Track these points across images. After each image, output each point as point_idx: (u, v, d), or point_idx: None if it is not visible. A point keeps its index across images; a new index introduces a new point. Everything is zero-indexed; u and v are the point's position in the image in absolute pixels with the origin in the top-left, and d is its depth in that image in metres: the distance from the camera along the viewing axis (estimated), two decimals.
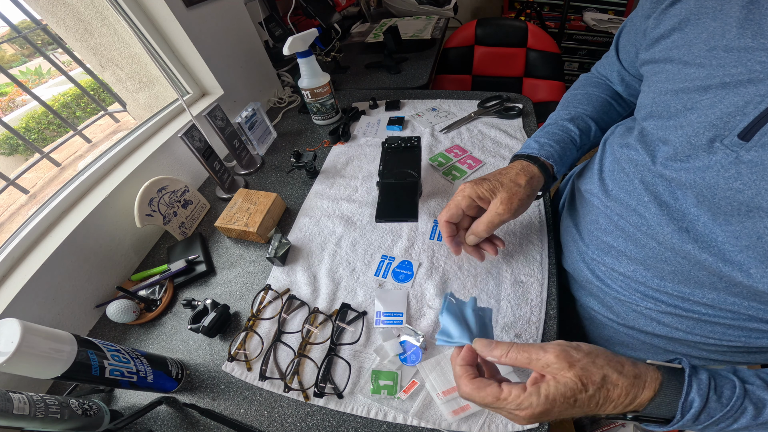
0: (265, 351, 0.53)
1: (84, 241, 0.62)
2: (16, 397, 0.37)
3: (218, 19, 0.88)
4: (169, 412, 0.50)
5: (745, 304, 0.36)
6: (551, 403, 0.31)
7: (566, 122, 0.54)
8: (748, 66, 0.30)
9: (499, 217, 0.46)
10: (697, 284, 0.39)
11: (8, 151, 2.27)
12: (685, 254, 0.37)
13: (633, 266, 0.44)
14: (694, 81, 0.35)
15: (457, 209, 0.48)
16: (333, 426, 0.46)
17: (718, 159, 0.33)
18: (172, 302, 0.63)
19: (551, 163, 0.51)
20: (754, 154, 0.30)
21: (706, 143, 0.33)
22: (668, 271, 0.40)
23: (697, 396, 0.31)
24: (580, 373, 0.31)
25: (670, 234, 0.38)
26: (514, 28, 1.34)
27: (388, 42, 1.19)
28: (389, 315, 0.54)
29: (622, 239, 0.44)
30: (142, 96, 0.93)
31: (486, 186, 0.47)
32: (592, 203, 0.50)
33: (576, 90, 0.61)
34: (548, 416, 0.32)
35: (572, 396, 0.31)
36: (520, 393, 0.32)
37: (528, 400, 0.31)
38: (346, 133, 0.90)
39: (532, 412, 0.31)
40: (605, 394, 0.31)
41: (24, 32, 0.97)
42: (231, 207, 0.69)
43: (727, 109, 0.32)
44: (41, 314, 0.55)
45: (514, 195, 0.46)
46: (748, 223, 0.32)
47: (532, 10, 2.14)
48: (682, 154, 0.36)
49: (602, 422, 0.90)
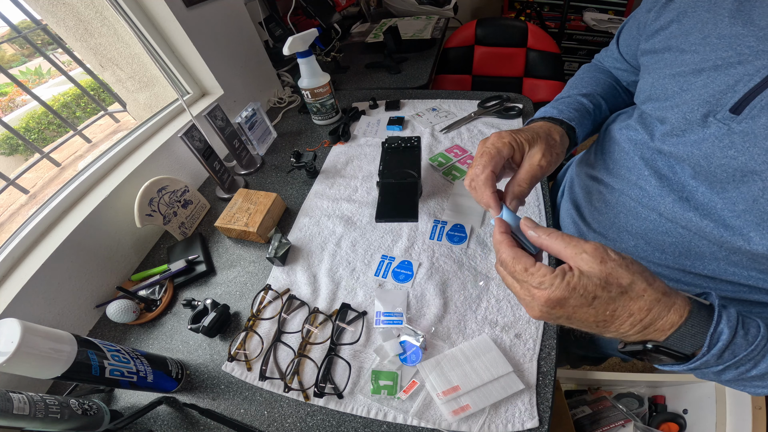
0: (265, 351, 0.53)
1: (84, 241, 0.62)
2: (16, 397, 0.37)
3: (218, 19, 0.88)
4: (169, 412, 0.50)
5: (745, 274, 0.37)
6: (570, 291, 0.29)
7: (579, 96, 0.54)
8: (737, 50, 0.34)
9: (541, 170, 0.40)
10: (697, 256, 0.39)
11: (8, 151, 2.27)
12: (686, 222, 0.39)
13: (634, 241, 0.45)
14: (689, 65, 0.38)
15: (499, 157, 0.39)
16: (333, 426, 0.46)
17: (712, 132, 0.36)
18: (172, 302, 0.63)
19: (574, 126, 0.48)
20: (744, 125, 0.33)
21: (701, 118, 0.36)
22: (669, 243, 0.41)
23: (726, 327, 0.29)
24: (609, 270, 0.29)
25: (671, 204, 0.40)
26: (514, 28, 1.33)
27: (388, 42, 1.19)
28: (389, 315, 0.54)
29: (623, 215, 0.46)
30: (142, 96, 0.93)
31: (524, 135, 0.41)
32: (593, 183, 0.51)
33: (582, 75, 0.61)
34: (563, 308, 0.30)
35: (593, 292, 0.29)
36: (547, 272, 0.31)
37: (551, 280, 0.30)
38: (346, 133, 0.90)
39: (549, 295, 0.30)
40: (625, 303, 0.29)
41: (24, 32, 0.97)
42: (231, 207, 0.69)
43: (719, 87, 0.35)
44: (41, 314, 0.55)
45: (552, 147, 0.42)
46: (744, 188, 0.34)
47: (532, 10, 2.14)
48: (679, 129, 0.39)
49: (602, 422, 0.90)
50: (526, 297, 0.32)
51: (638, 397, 0.96)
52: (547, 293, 0.30)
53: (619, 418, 0.90)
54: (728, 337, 0.29)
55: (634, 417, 0.90)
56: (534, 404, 0.44)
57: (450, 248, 0.61)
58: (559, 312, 0.31)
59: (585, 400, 0.95)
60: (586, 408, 0.93)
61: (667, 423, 0.90)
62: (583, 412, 0.91)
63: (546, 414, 0.43)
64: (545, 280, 0.30)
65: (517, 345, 0.49)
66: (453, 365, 0.47)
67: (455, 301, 0.54)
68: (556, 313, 0.31)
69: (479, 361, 0.47)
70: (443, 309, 0.53)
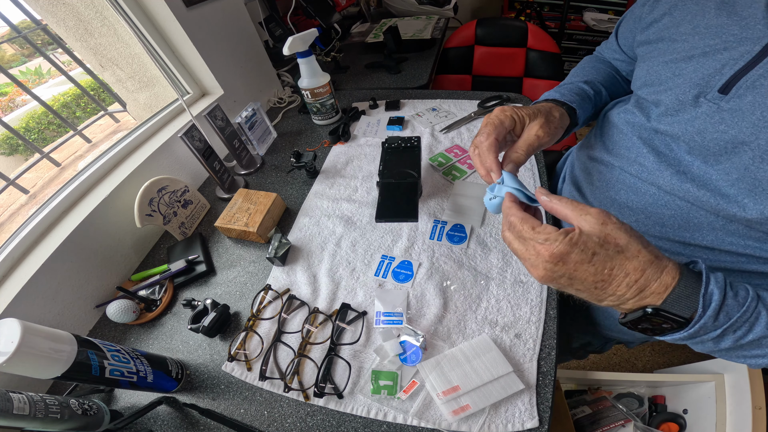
0: (265, 351, 0.53)
1: (84, 241, 0.62)
2: (16, 397, 0.37)
3: (218, 19, 0.88)
4: (169, 412, 0.50)
5: (742, 243, 0.39)
6: (572, 246, 0.31)
7: (581, 83, 0.57)
8: (723, 38, 0.38)
9: (538, 140, 0.44)
10: (696, 227, 0.42)
11: (8, 151, 2.27)
12: (684, 194, 0.41)
13: (635, 216, 0.47)
14: (680, 53, 0.42)
15: (502, 127, 0.44)
16: (333, 426, 0.46)
17: (704, 110, 0.39)
18: (172, 302, 0.63)
19: (575, 107, 0.52)
20: (732, 104, 0.37)
21: (692, 99, 0.40)
22: (668, 215, 0.44)
23: (716, 288, 0.30)
24: (608, 231, 0.31)
25: (669, 177, 0.42)
26: (514, 28, 1.33)
27: (388, 42, 1.19)
28: (389, 315, 0.54)
29: (623, 191, 0.48)
30: (142, 96, 0.93)
31: (526, 110, 0.45)
32: (592, 164, 0.54)
33: (584, 65, 0.65)
34: (565, 264, 0.32)
35: (592, 248, 0.31)
36: (552, 230, 0.33)
37: (555, 236, 0.32)
38: (346, 133, 0.90)
39: (553, 250, 0.32)
40: (622, 262, 0.31)
41: (24, 32, 0.97)
42: (231, 207, 0.69)
43: (708, 71, 0.39)
44: (41, 314, 0.55)
45: (551, 122, 0.46)
46: (735, 158, 0.37)
47: (532, 10, 2.14)
48: (673, 109, 0.42)
49: (602, 422, 0.90)
50: (531, 256, 0.34)
51: (638, 397, 0.96)
52: (552, 248, 0.32)
53: (619, 418, 0.90)
54: (719, 297, 0.30)
55: (634, 417, 0.90)
56: (534, 404, 0.44)
57: (450, 248, 0.61)
58: (561, 269, 0.32)
59: (585, 400, 0.95)
60: (586, 408, 0.93)
61: (667, 423, 0.90)
62: (583, 412, 0.92)
63: (546, 414, 0.43)
64: (550, 236, 0.33)
65: (517, 345, 0.49)
66: (453, 365, 0.47)
67: (455, 301, 0.54)
68: (558, 271, 0.32)
69: (479, 361, 0.47)
70: (443, 309, 0.53)
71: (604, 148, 0.53)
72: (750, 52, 0.36)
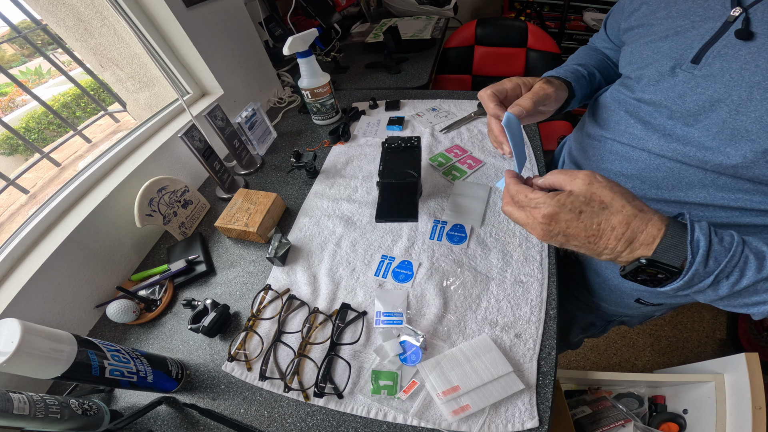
0: (265, 351, 0.53)
1: (84, 241, 0.62)
2: (16, 397, 0.37)
3: (218, 19, 0.88)
4: (169, 412, 0.50)
5: (733, 197, 0.43)
6: (560, 207, 0.36)
7: (574, 65, 0.63)
8: (690, 18, 0.44)
9: (543, 90, 0.49)
10: (689, 185, 0.45)
11: (8, 151, 2.27)
12: (672, 153, 0.45)
13: (631, 183, 0.51)
14: (657, 34, 0.48)
15: (502, 86, 0.52)
16: (333, 426, 0.46)
17: (681, 79, 0.45)
18: (172, 302, 0.63)
19: (570, 81, 0.58)
20: (704, 71, 0.42)
21: (669, 70, 0.46)
22: (662, 177, 0.47)
23: (701, 235, 0.33)
24: (594, 190, 0.35)
25: (657, 140, 0.47)
26: (514, 28, 1.34)
27: (388, 42, 1.19)
28: (389, 315, 0.54)
29: (618, 161, 0.52)
30: (142, 96, 0.93)
31: (526, 78, 0.53)
32: (587, 140, 0.59)
33: (578, 53, 0.72)
34: (557, 222, 0.36)
35: (579, 207, 0.35)
36: (542, 194, 0.38)
37: (544, 199, 0.37)
38: (346, 133, 0.90)
39: (544, 211, 0.37)
40: (607, 217, 0.35)
41: (24, 32, 0.97)
42: (231, 207, 0.69)
43: (681, 46, 0.45)
44: (41, 314, 0.55)
45: (551, 83, 0.52)
46: (713, 114, 0.41)
47: (532, 10, 2.14)
48: (654, 80, 0.48)
49: (602, 422, 0.90)
50: (529, 220, 0.39)
51: (638, 397, 0.96)
52: (542, 210, 0.37)
53: (619, 418, 0.90)
54: (706, 243, 0.33)
55: (634, 417, 0.90)
56: (534, 404, 0.44)
57: (450, 248, 0.61)
58: (555, 227, 0.37)
59: (585, 400, 0.95)
60: (586, 408, 0.93)
61: (667, 423, 0.90)
62: (583, 412, 0.92)
63: (546, 414, 0.43)
64: (539, 199, 0.38)
65: (517, 345, 0.49)
66: (453, 365, 0.47)
67: (455, 301, 0.54)
68: (553, 229, 0.37)
69: (479, 361, 0.47)
70: (443, 309, 0.53)
71: (596, 125, 0.58)
72: (713, 28, 0.42)
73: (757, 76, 0.39)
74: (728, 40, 0.41)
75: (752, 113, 0.39)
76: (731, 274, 0.33)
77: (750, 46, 0.39)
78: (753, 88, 0.39)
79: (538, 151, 0.76)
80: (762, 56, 0.39)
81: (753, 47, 0.39)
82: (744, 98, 0.39)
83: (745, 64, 0.39)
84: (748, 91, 0.39)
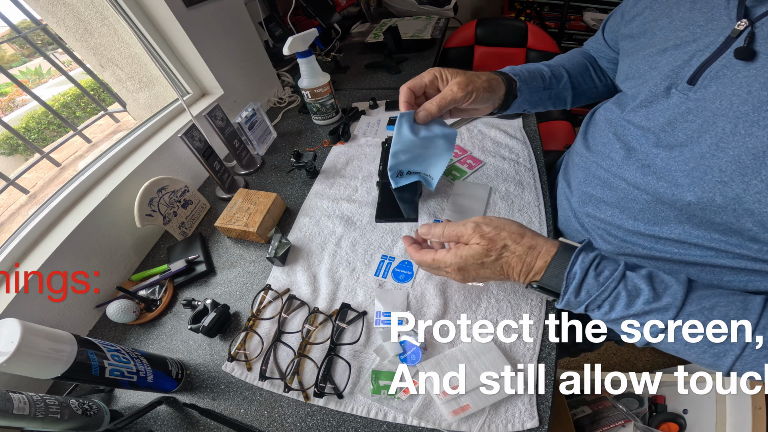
0: (265, 351, 0.53)
1: (84, 241, 0.62)
2: (16, 397, 0.37)
3: (218, 19, 0.88)
4: (169, 412, 0.50)
5: (708, 236, 0.40)
6: (465, 261, 0.42)
7: (541, 65, 0.61)
8: (691, 29, 0.40)
9: (452, 95, 0.48)
10: (664, 220, 0.43)
11: (8, 151, 2.27)
12: (646, 186, 0.43)
13: (610, 211, 0.49)
14: (656, 46, 0.44)
15: (420, 80, 0.49)
16: (333, 426, 0.46)
17: (674, 101, 0.41)
18: (172, 302, 0.63)
19: (515, 79, 0.55)
20: (699, 94, 0.38)
21: (664, 90, 0.42)
22: (638, 210, 0.45)
23: (579, 269, 0.37)
24: (486, 242, 0.41)
25: (635, 170, 0.44)
26: (514, 28, 1.34)
27: (388, 42, 1.19)
28: (389, 315, 0.54)
29: (599, 187, 0.50)
30: (142, 96, 0.93)
31: (449, 71, 0.50)
32: (577, 161, 0.56)
33: (563, 54, 0.70)
34: (467, 273, 0.43)
35: (480, 258, 0.41)
36: (446, 254, 0.43)
37: (450, 259, 0.43)
38: (346, 133, 0.90)
39: (454, 268, 0.43)
40: (506, 260, 0.41)
41: (24, 32, 0.97)
42: (231, 207, 0.69)
43: (678, 63, 0.41)
44: (41, 314, 0.55)
45: (471, 81, 0.49)
46: (696, 147, 0.37)
47: (532, 10, 2.14)
48: (647, 101, 0.44)
49: (602, 422, 0.90)
50: (446, 275, 0.45)
51: (638, 397, 0.96)
52: (452, 268, 0.43)
53: (619, 418, 0.90)
54: (580, 276, 0.37)
55: (634, 417, 0.90)
56: (534, 404, 0.44)
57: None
58: (468, 275, 0.43)
59: (585, 400, 0.95)
60: (586, 408, 0.93)
61: (667, 423, 0.90)
62: (583, 412, 0.92)
63: (546, 414, 0.43)
64: (446, 259, 0.43)
65: (517, 345, 0.49)
66: (453, 365, 0.47)
67: (455, 301, 0.54)
68: (467, 277, 0.44)
69: (479, 361, 0.47)
70: (443, 309, 0.53)
71: (583, 144, 0.56)
72: (714, 43, 0.37)
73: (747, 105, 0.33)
74: (728, 59, 0.36)
75: (731, 150, 0.34)
76: (601, 306, 0.37)
77: (750, 68, 0.34)
78: (739, 120, 0.34)
79: (538, 151, 0.76)
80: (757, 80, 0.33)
81: (752, 69, 0.34)
82: (728, 131, 0.35)
83: (738, 90, 0.34)
84: (733, 123, 0.34)
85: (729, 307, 0.35)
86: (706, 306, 0.35)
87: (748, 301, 0.35)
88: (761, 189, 0.32)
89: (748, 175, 0.33)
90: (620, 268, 0.37)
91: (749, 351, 0.33)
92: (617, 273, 0.37)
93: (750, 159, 0.33)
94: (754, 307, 0.34)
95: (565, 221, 0.59)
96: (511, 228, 0.41)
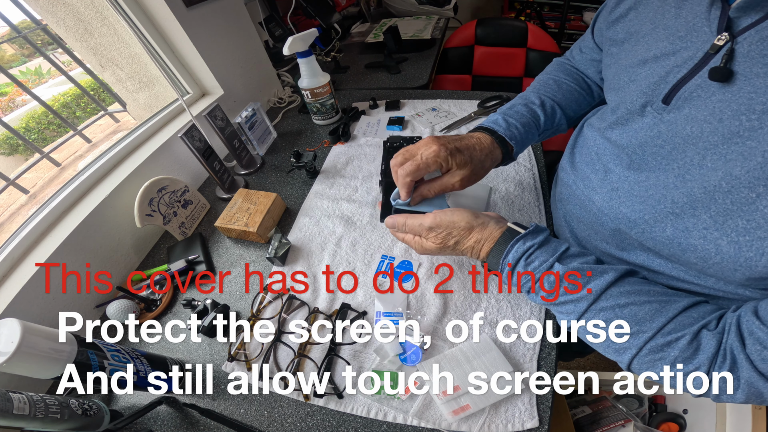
0: (265, 351, 0.53)
1: (84, 241, 0.62)
2: (16, 397, 0.37)
3: (218, 19, 0.88)
4: (169, 412, 0.50)
5: (670, 265, 0.39)
6: (425, 250, 0.46)
7: (535, 107, 0.56)
8: (671, 40, 0.36)
9: (452, 188, 0.48)
10: (628, 246, 0.43)
11: (8, 151, 2.27)
12: (610, 212, 0.42)
13: (587, 231, 0.49)
14: (638, 56, 0.41)
15: (426, 170, 0.46)
16: (333, 426, 0.46)
17: (647, 121, 0.38)
18: (172, 302, 0.63)
19: (513, 145, 0.52)
20: (672, 115, 0.35)
21: (639, 108, 0.40)
22: (606, 234, 0.45)
23: (512, 258, 0.39)
24: (440, 241, 0.44)
25: (605, 194, 0.43)
26: (514, 28, 1.33)
27: (388, 42, 1.19)
28: (389, 315, 0.54)
29: (577, 206, 0.50)
30: (142, 96, 0.93)
31: (459, 159, 0.46)
32: (562, 176, 0.55)
33: (548, 75, 0.63)
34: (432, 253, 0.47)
35: (437, 251, 0.45)
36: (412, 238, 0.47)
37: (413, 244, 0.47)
38: (346, 133, 0.90)
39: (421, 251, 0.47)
40: (460, 249, 0.44)
41: (24, 32, 0.97)
42: (231, 207, 0.69)
43: (655, 78, 0.37)
44: (41, 314, 0.55)
45: (474, 176, 0.48)
46: (662, 176, 0.36)
47: (532, 10, 2.14)
48: (623, 119, 0.42)
49: (602, 422, 0.90)
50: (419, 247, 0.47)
51: (638, 397, 0.96)
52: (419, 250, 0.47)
53: (619, 418, 0.90)
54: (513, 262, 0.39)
55: (634, 417, 0.90)
56: (534, 404, 0.44)
57: None
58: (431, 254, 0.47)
59: (585, 400, 0.95)
60: (586, 408, 0.92)
61: (667, 423, 0.90)
62: (583, 412, 0.91)
63: (546, 414, 0.43)
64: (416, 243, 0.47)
65: (517, 345, 0.49)
66: (453, 365, 0.47)
67: (455, 301, 0.54)
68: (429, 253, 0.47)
69: (479, 361, 0.47)
70: (443, 309, 0.53)
71: (571, 163, 0.53)
72: (692, 58, 0.34)
73: (716, 135, 0.31)
74: (703, 78, 0.33)
75: (695, 183, 0.32)
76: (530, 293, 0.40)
77: (725, 92, 0.31)
78: (707, 152, 0.31)
79: (538, 152, 0.76)
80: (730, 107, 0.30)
81: (728, 93, 0.31)
82: (695, 163, 0.32)
83: (710, 116, 0.31)
84: (701, 155, 0.32)
85: (642, 307, 0.34)
86: (620, 303, 0.35)
87: (669, 304, 0.34)
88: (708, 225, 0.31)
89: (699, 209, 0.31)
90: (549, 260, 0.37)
91: (645, 351, 0.33)
92: (545, 266, 0.37)
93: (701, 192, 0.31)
94: (669, 310, 0.33)
95: (558, 228, 0.59)
96: (459, 225, 0.43)
